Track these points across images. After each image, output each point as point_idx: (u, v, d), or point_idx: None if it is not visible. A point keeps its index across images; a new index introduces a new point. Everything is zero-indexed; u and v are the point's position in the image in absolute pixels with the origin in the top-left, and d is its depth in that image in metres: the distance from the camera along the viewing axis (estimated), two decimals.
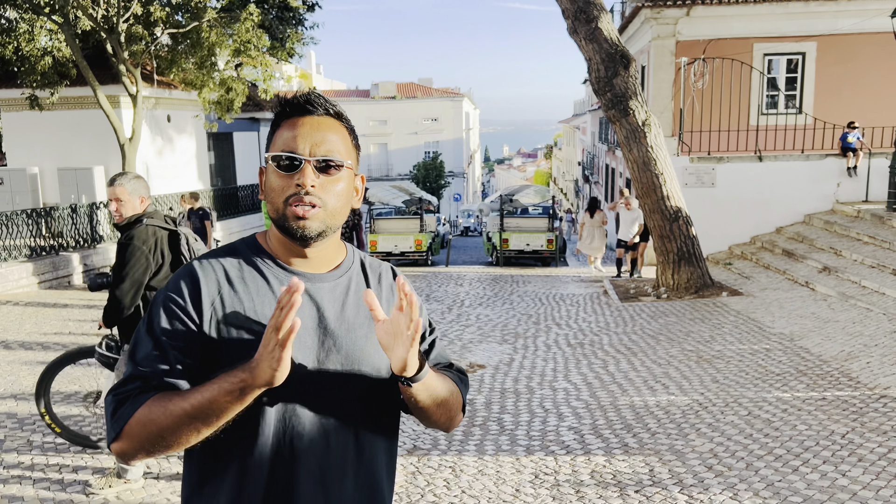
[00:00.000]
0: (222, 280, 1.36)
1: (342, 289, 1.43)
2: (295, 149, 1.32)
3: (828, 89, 15.87)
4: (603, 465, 4.45)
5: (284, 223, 1.33)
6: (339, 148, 1.35)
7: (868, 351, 6.74)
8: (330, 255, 1.44)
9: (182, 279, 1.36)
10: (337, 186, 1.35)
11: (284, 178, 1.32)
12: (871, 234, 11.45)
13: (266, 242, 1.42)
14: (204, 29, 12.64)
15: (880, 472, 4.13)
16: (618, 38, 10.90)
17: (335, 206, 1.35)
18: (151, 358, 1.30)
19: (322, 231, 1.34)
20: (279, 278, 1.38)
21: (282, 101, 1.38)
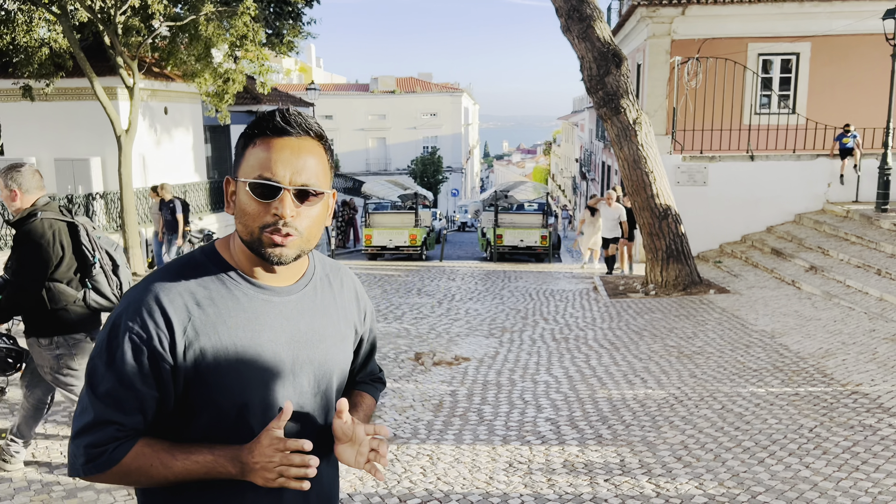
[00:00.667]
0: (191, 304, 1.30)
1: (309, 299, 1.43)
2: (273, 176, 1.27)
3: (821, 90, 15.98)
4: (576, 454, 4.58)
5: (259, 249, 1.30)
6: (319, 173, 1.32)
7: (845, 349, 6.88)
8: (296, 266, 1.41)
9: (144, 306, 1.29)
10: (314, 213, 1.33)
11: (261, 206, 1.28)
12: (859, 234, 11.57)
13: (229, 253, 1.39)
14: (201, 22, 12.72)
15: (843, 464, 4.26)
16: (610, 37, 11.00)
17: (311, 233, 1.33)
18: (118, 397, 1.26)
19: (297, 256, 1.33)
20: (248, 294, 1.35)
21: (260, 117, 1.32)
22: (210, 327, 1.30)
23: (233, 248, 1.39)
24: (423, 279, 12.99)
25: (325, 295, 1.47)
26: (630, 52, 19.24)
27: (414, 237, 17.64)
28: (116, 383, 1.26)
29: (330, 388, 1.45)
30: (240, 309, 1.33)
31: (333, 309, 1.48)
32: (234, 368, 1.30)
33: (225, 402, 1.31)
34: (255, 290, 1.36)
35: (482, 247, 20.28)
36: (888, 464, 4.23)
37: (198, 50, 13.19)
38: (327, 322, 1.45)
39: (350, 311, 1.54)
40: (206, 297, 1.32)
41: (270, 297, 1.37)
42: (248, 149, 1.31)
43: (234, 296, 1.34)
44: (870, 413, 5.10)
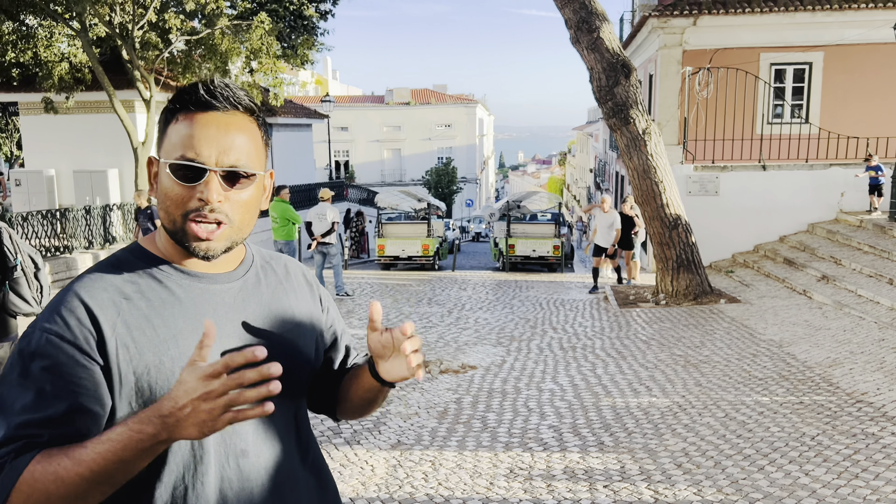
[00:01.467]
0: (118, 299, 1.14)
1: (252, 284, 1.28)
2: (197, 155, 1.12)
3: (834, 99, 15.92)
4: (577, 461, 4.62)
5: (183, 240, 1.16)
6: (250, 152, 1.17)
7: (853, 358, 6.86)
8: (233, 253, 1.27)
9: (66, 307, 1.11)
10: (245, 197, 1.18)
11: (184, 189, 1.13)
12: (872, 243, 11.51)
13: (156, 248, 1.23)
14: (217, 36, 12.97)
15: (842, 472, 4.27)
16: (619, 47, 11.07)
17: (243, 220, 1.19)
18: (33, 412, 1.04)
19: (227, 249, 1.19)
20: (183, 285, 1.20)
21: (182, 89, 1.18)
22: (144, 321, 1.13)
23: (159, 240, 1.24)
24: (435, 289, 13.07)
25: (270, 280, 1.32)
26: (642, 62, 19.29)
27: (426, 247, 17.74)
28: (34, 396, 1.05)
29: (295, 384, 1.27)
30: (175, 300, 1.17)
31: (283, 294, 1.33)
32: (178, 364, 1.13)
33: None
34: (191, 280, 1.21)
35: (494, 257, 20.33)
36: (888, 471, 4.24)
37: (214, 63, 13.46)
38: (278, 308, 1.29)
39: (303, 296, 1.38)
40: (136, 291, 1.16)
41: (208, 285, 1.22)
42: (171, 125, 1.16)
43: (166, 287, 1.18)
44: (873, 421, 5.10)
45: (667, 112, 15.73)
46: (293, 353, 1.28)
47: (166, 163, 1.15)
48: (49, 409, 1.05)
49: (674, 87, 15.75)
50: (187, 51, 14.25)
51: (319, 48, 18.72)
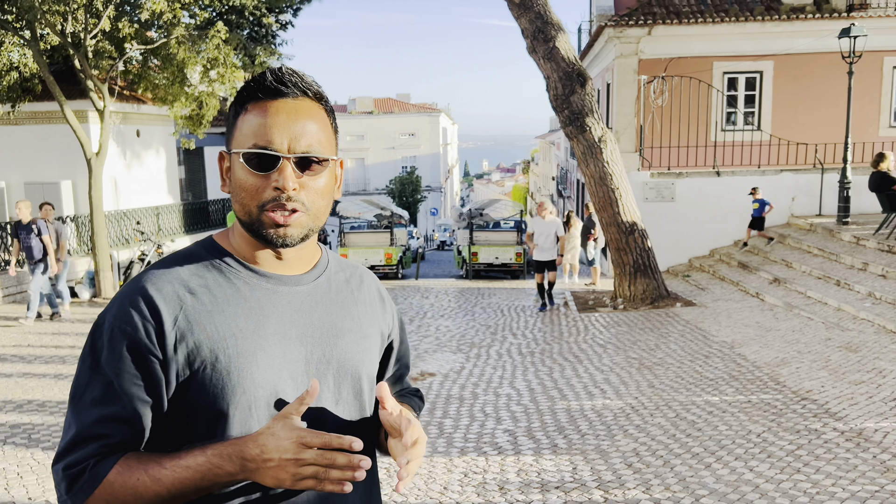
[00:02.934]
0: (182, 293, 1.13)
1: (323, 290, 1.25)
2: (270, 143, 1.11)
3: (784, 107, 16.38)
4: (530, 464, 4.68)
5: (261, 230, 1.14)
6: (321, 138, 1.16)
7: (800, 357, 7.05)
8: (307, 255, 1.25)
9: (130, 299, 1.12)
10: (320, 184, 1.16)
11: (259, 179, 1.12)
12: (821, 246, 11.85)
13: (229, 243, 1.23)
14: (173, 45, 12.83)
15: (785, 467, 4.40)
16: (575, 57, 11.26)
17: (319, 207, 1.17)
18: (105, 407, 1.09)
19: (304, 236, 1.17)
20: (251, 284, 1.18)
21: (251, 79, 1.17)
22: (205, 317, 1.13)
23: (232, 236, 1.23)
24: (397, 298, 13.07)
25: (341, 288, 1.29)
26: (600, 71, 19.62)
27: (389, 256, 17.74)
28: (103, 389, 1.09)
29: (355, 395, 1.24)
30: (240, 298, 1.16)
31: (353, 304, 1.29)
32: (234, 363, 1.12)
33: (225, 404, 1.12)
34: (259, 279, 1.19)
35: (458, 265, 20.41)
36: (828, 465, 4.38)
37: (171, 73, 13.30)
38: (346, 317, 1.26)
39: (373, 310, 1.34)
40: (201, 286, 1.15)
41: (277, 286, 1.20)
42: (240, 116, 1.16)
43: (233, 284, 1.17)
44: (816, 418, 5.26)
45: (624, 120, 16.01)
46: (354, 363, 1.25)
47: (239, 153, 1.14)
48: (116, 404, 1.09)
49: (630, 95, 16.04)
50: (143, 60, 14.06)
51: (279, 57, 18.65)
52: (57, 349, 8.26)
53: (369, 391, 1.27)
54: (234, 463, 1.05)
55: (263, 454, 1.03)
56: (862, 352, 7.05)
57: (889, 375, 6.20)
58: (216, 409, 1.12)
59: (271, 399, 1.14)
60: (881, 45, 15.24)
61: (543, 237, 10.95)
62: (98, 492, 1.06)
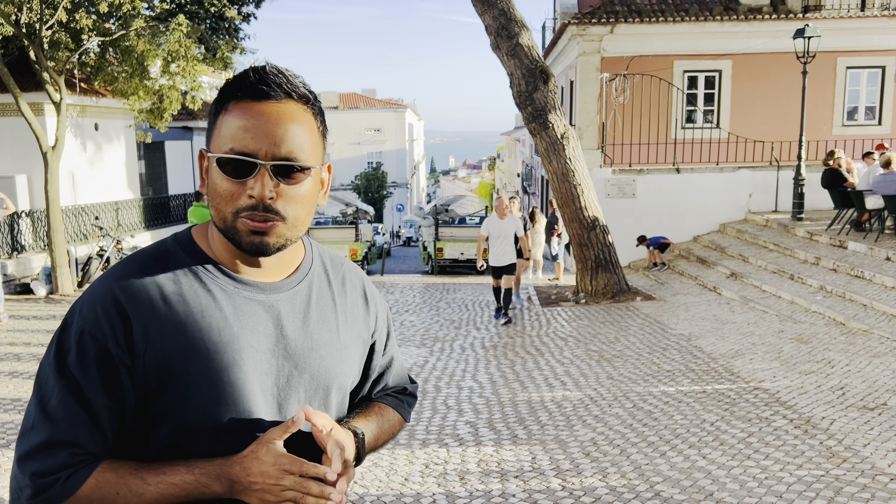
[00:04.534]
0: (156, 298, 1.09)
1: (302, 298, 1.20)
2: (247, 148, 1.06)
3: (742, 105, 16.74)
4: (491, 454, 4.75)
5: (235, 237, 1.10)
6: (304, 144, 1.09)
7: (754, 349, 7.26)
8: (288, 259, 1.20)
9: (101, 303, 1.08)
10: (300, 193, 1.10)
11: (234, 185, 1.07)
12: (776, 241, 12.17)
13: (207, 243, 1.17)
14: (132, 38, 12.61)
15: (736, 454, 4.54)
16: (538, 54, 11.36)
17: (298, 217, 1.11)
18: (72, 412, 1.05)
19: (282, 246, 1.12)
20: (226, 290, 1.14)
21: (233, 78, 1.11)
22: (178, 327, 1.09)
23: (210, 235, 1.17)
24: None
25: (322, 294, 1.24)
26: (563, 69, 19.80)
27: (354, 252, 17.70)
28: (71, 394, 1.05)
29: (325, 408, 1.22)
30: (216, 308, 1.12)
31: (332, 312, 1.24)
32: (206, 377, 1.09)
33: (193, 415, 1.09)
34: (236, 286, 1.14)
35: (424, 260, 20.45)
36: (777, 451, 4.53)
37: (130, 66, 13.08)
38: (323, 327, 1.22)
39: (355, 314, 1.29)
40: (175, 292, 1.11)
41: (254, 294, 1.15)
42: (220, 116, 1.10)
43: (209, 291, 1.12)
44: (767, 406, 5.43)
45: (587, 117, 16.21)
46: (328, 376, 1.21)
47: (214, 157, 1.09)
48: (85, 410, 1.06)
49: (593, 92, 16.24)
50: (101, 52, 13.78)
51: (242, 51, 18.44)
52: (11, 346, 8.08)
53: (341, 401, 1.26)
54: (222, 484, 1.07)
55: (249, 477, 1.06)
56: (812, 343, 7.28)
57: (837, 366, 6.42)
58: (183, 421, 1.10)
59: (242, 412, 1.12)
60: (835, 46, 15.68)
61: (501, 240, 9.36)
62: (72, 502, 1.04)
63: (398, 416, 1.38)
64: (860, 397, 5.53)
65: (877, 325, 7.59)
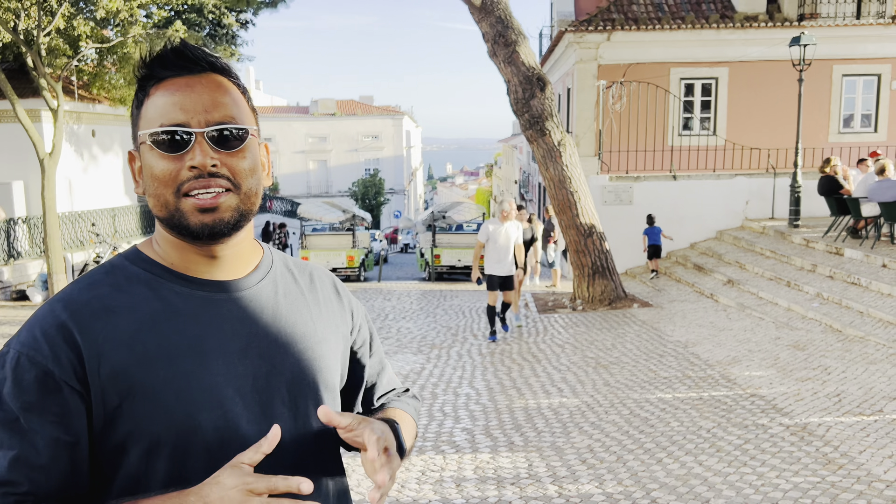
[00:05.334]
0: (101, 313, 0.99)
1: (268, 294, 1.12)
2: (178, 120, 0.99)
3: (739, 112, 16.80)
4: (487, 461, 4.74)
5: (182, 221, 1.01)
6: (237, 113, 1.04)
7: (751, 356, 7.26)
8: (245, 255, 1.11)
9: (40, 324, 0.98)
10: (244, 161, 1.03)
11: (171, 161, 1.00)
12: (773, 248, 12.20)
13: (153, 250, 1.08)
14: (129, 45, 12.64)
15: (732, 460, 4.54)
16: (535, 61, 11.40)
17: (249, 186, 1.04)
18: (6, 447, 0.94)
19: (238, 221, 1.03)
20: (181, 294, 1.05)
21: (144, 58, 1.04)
22: (130, 338, 0.99)
23: (157, 242, 1.09)
24: (359, 300, 13.04)
25: (290, 290, 1.16)
26: (560, 76, 19.86)
27: (352, 258, 17.70)
28: (6, 428, 0.94)
29: (315, 406, 1.11)
30: (171, 312, 1.03)
31: (304, 306, 1.16)
32: (170, 386, 0.99)
33: (163, 430, 0.98)
34: (191, 288, 1.05)
35: (421, 267, 20.45)
36: (773, 458, 4.53)
37: (128, 73, 13.10)
38: (297, 321, 1.13)
39: (329, 309, 1.21)
40: (124, 304, 1.01)
41: (212, 294, 1.06)
42: (144, 103, 1.03)
43: (161, 297, 1.03)
44: (764, 413, 5.43)
45: (584, 124, 16.25)
46: (310, 371, 1.12)
47: (146, 135, 1.01)
48: (23, 445, 0.94)
49: (590, 100, 16.28)
50: (98, 59, 13.81)
51: (239, 58, 18.49)
52: None
53: (331, 400, 1.15)
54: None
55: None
56: (809, 350, 7.29)
57: (833, 372, 6.43)
58: (155, 440, 0.98)
59: (218, 421, 1.01)
60: (830, 54, 15.76)
61: (500, 246, 8.54)
62: None
63: (406, 414, 1.29)
64: (856, 404, 5.54)
65: (873, 332, 7.60)
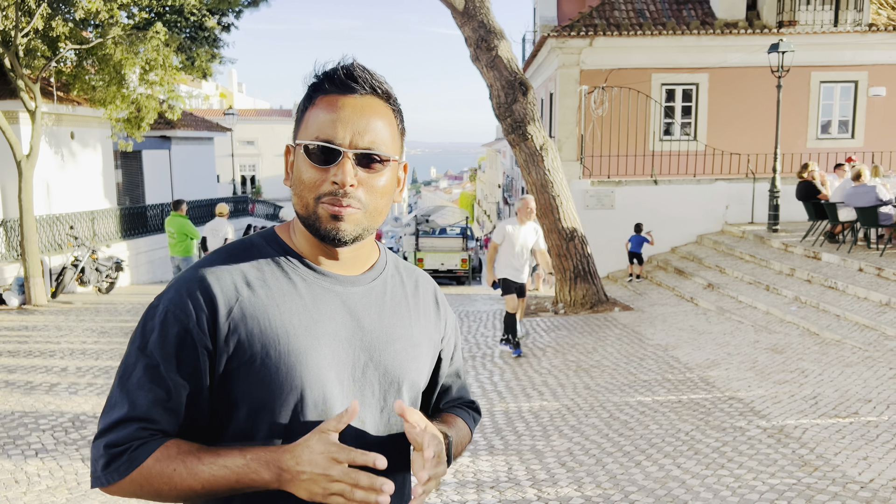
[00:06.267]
0: (240, 284, 1.15)
1: (377, 293, 1.25)
2: (333, 137, 1.12)
3: (719, 118, 16.97)
4: (467, 465, 4.73)
5: (316, 223, 1.14)
6: (386, 137, 1.16)
7: (729, 359, 7.32)
8: (364, 255, 1.25)
9: (187, 286, 1.14)
10: (379, 183, 1.16)
11: (318, 172, 1.13)
12: (752, 252, 12.31)
13: (290, 237, 1.23)
14: (109, 46, 12.52)
15: (710, 462, 4.57)
16: (517, 66, 11.44)
17: (376, 206, 1.17)
18: (149, 389, 1.10)
19: (359, 235, 1.16)
20: (307, 280, 1.19)
21: (319, 73, 1.18)
22: (260, 310, 1.14)
23: (293, 230, 1.23)
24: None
25: (396, 293, 1.29)
26: (543, 81, 19.95)
27: None
28: (147, 372, 1.11)
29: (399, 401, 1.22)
30: (296, 294, 1.17)
31: (405, 310, 1.28)
32: (284, 360, 1.13)
33: (272, 399, 1.13)
34: (316, 276, 1.20)
35: None
36: (750, 461, 4.56)
37: (107, 75, 12.98)
38: (397, 322, 1.25)
39: (427, 317, 1.33)
40: (259, 279, 1.16)
41: (332, 285, 1.20)
42: (308, 110, 1.17)
43: (290, 280, 1.18)
44: (742, 416, 5.47)
45: (566, 129, 16.33)
46: (401, 370, 1.24)
47: (301, 144, 1.15)
48: (161, 388, 1.10)
49: (572, 105, 16.38)
50: (78, 60, 13.66)
51: (221, 60, 18.37)
52: None
53: (413, 401, 1.27)
54: (271, 471, 1.07)
55: (298, 466, 1.05)
56: (787, 353, 7.36)
57: (811, 375, 6.50)
58: (262, 403, 1.13)
59: (318, 399, 1.14)
60: (809, 61, 15.98)
61: (518, 250, 7.53)
62: (133, 474, 1.09)
63: (464, 424, 1.38)
64: (832, 406, 5.60)
65: (849, 336, 7.69)
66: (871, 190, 10.10)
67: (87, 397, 6.17)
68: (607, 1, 16.90)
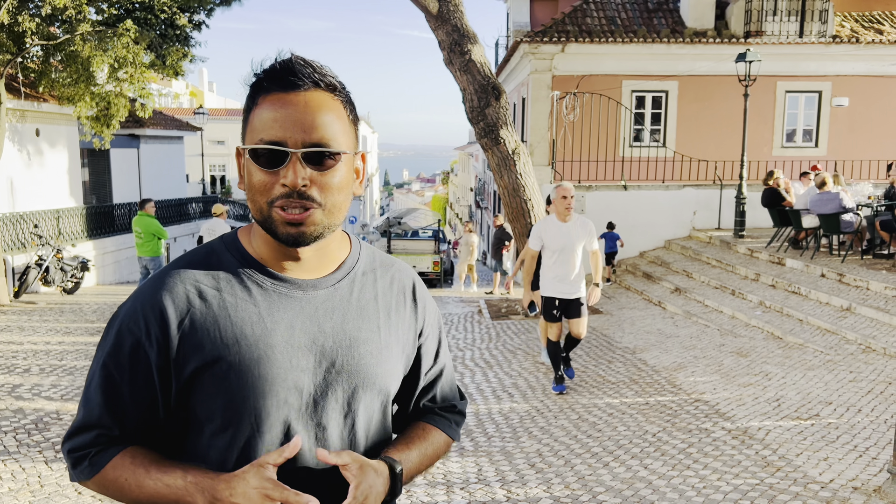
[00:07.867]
0: (193, 295, 1.13)
1: (342, 295, 1.20)
2: (278, 138, 1.07)
3: (687, 125, 17.24)
4: (438, 465, 4.75)
5: (272, 227, 1.11)
6: (335, 132, 1.11)
7: (696, 362, 7.45)
8: (331, 253, 1.21)
9: (142, 299, 1.14)
10: (334, 179, 1.11)
11: (268, 175, 1.09)
12: (719, 257, 12.54)
13: (249, 241, 1.20)
14: (77, 42, 12.32)
15: (676, 464, 4.65)
16: (490, 70, 11.51)
17: (334, 203, 1.12)
18: (104, 398, 1.13)
19: (320, 234, 1.12)
20: (264, 287, 1.16)
21: (258, 72, 1.12)
22: (211, 321, 1.12)
23: (253, 233, 1.20)
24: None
25: (365, 293, 1.23)
26: (516, 85, 20.08)
27: None
28: (104, 381, 1.13)
29: (365, 408, 1.21)
30: (250, 302, 1.14)
31: (374, 311, 1.23)
32: (236, 370, 1.10)
33: (228, 412, 1.12)
34: (272, 282, 1.16)
35: None
36: (715, 461, 4.66)
37: (74, 71, 12.76)
38: (364, 325, 1.20)
39: (400, 314, 1.27)
40: (213, 288, 1.14)
41: (290, 290, 1.16)
42: (252, 112, 1.12)
43: (245, 288, 1.15)
44: (707, 418, 5.58)
45: (538, 134, 16.46)
46: (367, 376, 1.20)
47: (246, 149, 1.11)
48: (116, 398, 1.13)
49: (544, 110, 16.51)
50: (45, 57, 13.41)
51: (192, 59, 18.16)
52: None
53: (382, 407, 1.24)
54: (205, 498, 1.07)
55: (231, 497, 1.05)
56: (751, 357, 7.51)
57: (774, 378, 6.64)
58: (219, 416, 1.13)
59: (277, 409, 1.13)
60: (775, 71, 16.33)
61: (564, 256, 5.99)
62: (95, 478, 1.14)
63: (445, 437, 1.35)
64: (794, 409, 5.73)
65: (811, 340, 7.88)
66: (836, 197, 10.35)
67: (51, 399, 6.06)
68: (580, 8, 17.09)
